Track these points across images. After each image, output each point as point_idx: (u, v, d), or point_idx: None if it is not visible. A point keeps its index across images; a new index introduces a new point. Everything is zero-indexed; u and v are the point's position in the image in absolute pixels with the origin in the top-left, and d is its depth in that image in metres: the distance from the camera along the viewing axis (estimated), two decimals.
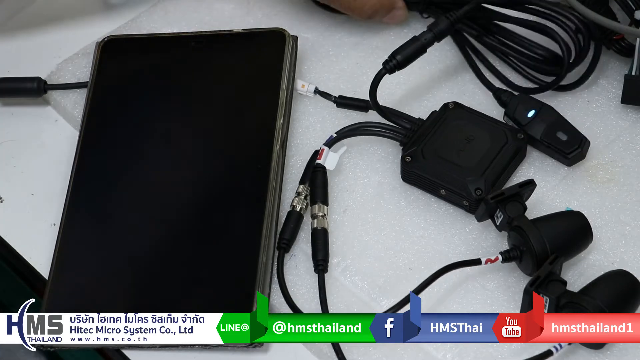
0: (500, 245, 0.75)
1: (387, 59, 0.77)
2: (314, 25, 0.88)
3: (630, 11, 0.80)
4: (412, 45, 0.77)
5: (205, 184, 0.77)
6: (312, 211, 0.76)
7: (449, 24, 0.78)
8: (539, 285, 0.69)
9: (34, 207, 0.80)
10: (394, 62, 0.77)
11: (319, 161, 0.78)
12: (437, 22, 0.78)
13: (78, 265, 0.75)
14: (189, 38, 0.85)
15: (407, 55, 0.77)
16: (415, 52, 0.77)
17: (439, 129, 0.78)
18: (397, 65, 0.77)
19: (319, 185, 0.77)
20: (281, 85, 0.80)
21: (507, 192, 0.73)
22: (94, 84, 0.83)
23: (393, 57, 0.77)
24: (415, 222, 0.77)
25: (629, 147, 0.80)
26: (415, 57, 0.77)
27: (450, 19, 0.78)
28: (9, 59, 0.89)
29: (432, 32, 0.77)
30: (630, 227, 0.76)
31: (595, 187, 0.78)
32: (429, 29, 0.78)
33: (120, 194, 0.78)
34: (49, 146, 0.83)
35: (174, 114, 0.81)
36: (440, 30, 0.78)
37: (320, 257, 0.74)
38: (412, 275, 0.74)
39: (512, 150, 0.77)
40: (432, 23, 0.78)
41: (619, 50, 0.82)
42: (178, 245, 0.75)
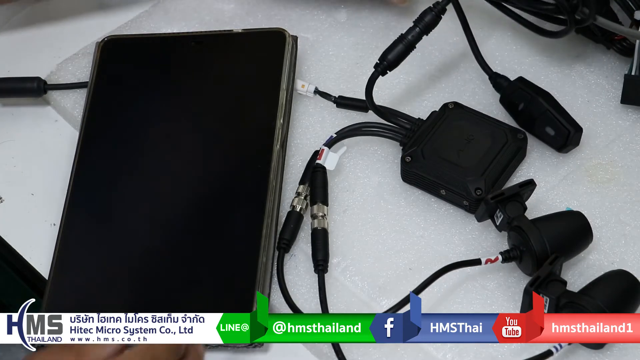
0: (500, 245, 0.75)
1: (377, 62, 0.77)
2: (314, 25, 0.88)
3: (631, 11, 0.80)
4: (400, 43, 0.77)
5: (205, 184, 0.77)
6: (312, 211, 0.76)
7: (434, 16, 0.77)
8: (539, 285, 0.69)
9: (34, 207, 0.80)
10: (385, 63, 0.77)
11: (319, 161, 0.78)
12: (422, 16, 0.77)
13: (78, 265, 0.75)
14: (189, 38, 0.85)
15: (397, 55, 0.77)
16: (404, 50, 0.77)
17: (438, 129, 0.78)
18: (389, 66, 0.77)
19: (319, 186, 0.77)
20: (281, 85, 0.80)
21: (507, 192, 0.73)
22: (94, 84, 0.83)
23: (383, 58, 0.77)
24: (415, 222, 0.77)
25: (629, 147, 0.80)
26: (405, 54, 0.77)
27: (435, 10, 0.77)
28: (9, 59, 0.89)
29: (418, 27, 0.77)
30: (630, 227, 0.76)
31: (595, 187, 0.78)
32: (415, 24, 0.77)
33: (120, 194, 0.78)
34: (49, 146, 0.83)
35: (174, 114, 0.81)
36: (426, 24, 0.77)
37: (320, 257, 0.74)
38: (412, 275, 0.74)
39: (512, 150, 0.77)
40: (417, 18, 0.77)
41: (620, 50, 0.82)
42: (178, 245, 0.75)
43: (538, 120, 0.79)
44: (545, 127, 0.78)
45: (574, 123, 0.78)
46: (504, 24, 0.86)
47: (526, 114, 0.79)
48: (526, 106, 0.79)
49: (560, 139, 0.78)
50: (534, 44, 0.85)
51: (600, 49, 0.83)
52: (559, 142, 0.78)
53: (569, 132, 0.78)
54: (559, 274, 0.71)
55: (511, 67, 0.83)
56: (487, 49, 0.84)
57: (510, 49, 0.85)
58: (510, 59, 0.85)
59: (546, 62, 0.85)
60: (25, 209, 0.80)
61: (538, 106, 0.79)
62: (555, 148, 0.79)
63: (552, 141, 0.79)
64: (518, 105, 0.79)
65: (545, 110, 0.79)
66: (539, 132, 0.79)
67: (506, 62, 0.84)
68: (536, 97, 0.79)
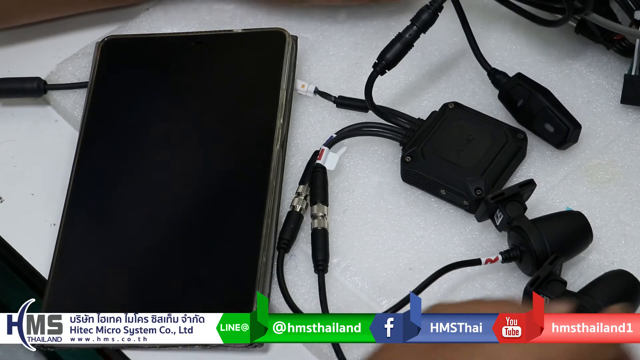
0: (500, 245, 0.75)
1: (376, 62, 0.77)
2: (314, 25, 0.88)
3: (630, 11, 0.80)
4: (398, 43, 0.77)
5: (205, 184, 0.77)
6: (312, 211, 0.76)
7: (431, 14, 0.77)
8: (539, 285, 0.69)
9: (34, 207, 0.80)
10: (383, 62, 0.77)
11: (319, 161, 0.78)
12: (419, 14, 0.77)
13: (78, 265, 0.75)
14: (189, 38, 0.85)
15: (395, 54, 0.77)
16: (402, 49, 0.77)
17: (438, 129, 0.78)
18: (387, 65, 0.77)
19: (319, 186, 0.77)
20: (281, 85, 0.80)
21: (507, 192, 0.73)
22: (94, 84, 0.83)
23: (382, 58, 0.77)
24: (415, 222, 0.77)
25: (629, 147, 0.80)
26: (403, 54, 0.77)
27: (432, 8, 0.77)
28: (9, 59, 0.89)
29: (415, 26, 0.77)
30: (630, 227, 0.76)
31: (595, 187, 0.78)
32: (412, 23, 0.77)
33: (120, 194, 0.78)
34: (49, 146, 0.83)
35: (174, 114, 0.81)
36: (423, 22, 0.77)
37: (320, 257, 0.74)
38: (412, 275, 0.74)
39: (512, 150, 0.77)
40: (414, 16, 0.77)
41: (620, 50, 0.82)
42: (178, 245, 0.75)
43: (537, 117, 0.79)
44: (545, 124, 0.79)
45: (573, 120, 0.78)
46: (504, 24, 0.86)
47: (525, 110, 0.79)
48: (525, 103, 0.79)
49: (560, 136, 0.78)
50: (534, 44, 0.85)
51: (600, 49, 0.83)
52: (558, 139, 0.78)
53: (568, 128, 0.78)
54: (559, 273, 0.71)
55: (511, 67, 0.83)
56: (487, 49, 0.84)
57: (510, 48, 0.85)
58: (510, 58, 0.85)
59: (546, 62, 0.85)
60: (25, 209, 0.80)
61: (537, 103, 0.79)
62: (554, 144, 0.79)
63: (551, 138, 0.79)
64: (517, 101, 0.80)
65: (544, 107, 0.79)
66: (537, 129, 0.79)
67: (506, 61, 0.84)
68: (535, 93, 0.79)
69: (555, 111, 0.78)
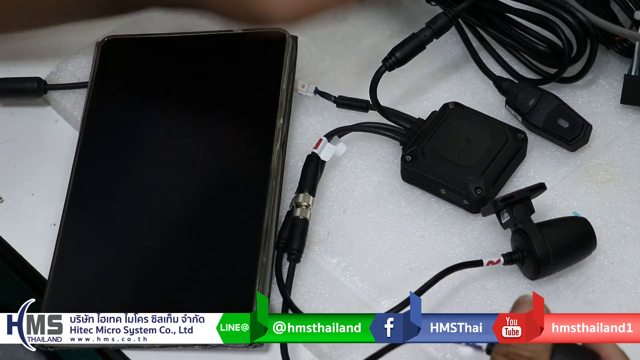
0: (500, 244, 0.75)
1: (386, 57, 0.77)
2: (314, 25, 0.88)
3: (630, 12, 0.80)
4: (411, 42, 0.77)
5: (205, 184, 0.77)
6: (296, 199, 0.76)
7: (447, 21, 0.78)
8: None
9: (34, 207, 0.80)
10: (394, 59, 0.77)
11: (315, 150, 0.77)
12: (436, 19, 0.78)
13: (78, 265, 0.75)
14: (189, 38, 0.85)
15: (407, 52, 0.77)
16: (414, 49, 0.77)
17: (439, 128, 0.78)
18: (397, 62, 0.77)
19: (309, 175, 0.77)
20: (281, 85, 0.80)
21: (517, 195, 0.73)
22: (94, 84, 0.83)
23: (392, 54, 0.77)
24: (415, 222, 0.77)
25: (629, 147, 0.80)
26: (414, 54, 0.77)
27: (449, 15, 0.78)
28: (9, 59, 0.89)
29: (430, 29, 0.78)
30: (630, 227, 0.76)
31: (595, 187, 0.78)
32: (428, 26, 0.78)
33: (120, 194, 0.78)
34: (49, 146, 0.83)
35: (174, 114, 0.81)
36: (439, 27, 0.78)
37: (295, 247, 0.74)
38: (412, 275, 0.74)
39: (512, 150, 0.77)
40: (431, 20, 0.78)
41: (620, 50, 0.82)
42: (178, 246, 0.75)
43: (550, 113, 0.78)
44: (558, 120, 0.78)
45: (583, 119, 0.79)
46: None
47: (538, 109, 0.79)
48: (537, 101, 0.79)
49: (575, 130, 0.78)
50: None
51: (600, 49, 0.83)
52: (573, 134, 0.78)
53: (584, 123, 0.78)
54: None
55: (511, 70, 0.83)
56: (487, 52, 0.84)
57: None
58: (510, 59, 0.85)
59: None
60: (25, 209, 0.80)
61: (550, 100, 0.79)
62: (566, 141, 0.78)
63: (564, 134, 0.78)
64: (528, 101, 0.79)
65: (558, 103, 0.79)
66: (550, 126, 0.79)
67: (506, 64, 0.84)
68: (547, 91, 0.79)
69: (569, 107, 0.79)
